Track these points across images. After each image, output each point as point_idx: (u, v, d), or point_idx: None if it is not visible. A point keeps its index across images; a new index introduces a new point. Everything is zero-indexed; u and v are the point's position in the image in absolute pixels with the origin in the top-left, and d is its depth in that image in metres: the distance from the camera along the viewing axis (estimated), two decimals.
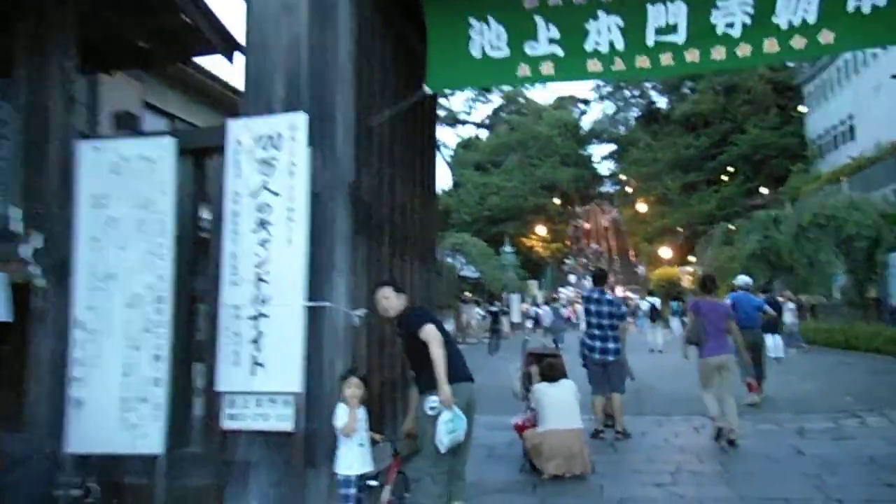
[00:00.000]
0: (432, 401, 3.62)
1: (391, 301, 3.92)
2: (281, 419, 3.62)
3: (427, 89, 4.39)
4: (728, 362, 6.32)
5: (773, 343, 13.58)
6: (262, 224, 3.77)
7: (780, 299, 14.67)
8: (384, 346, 4.57)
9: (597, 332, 6.71)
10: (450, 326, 26.86)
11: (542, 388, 5.27)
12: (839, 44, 3.92)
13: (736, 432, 5.95)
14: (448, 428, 3.54)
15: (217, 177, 4.08)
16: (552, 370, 5.36)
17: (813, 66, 44.43)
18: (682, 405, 8.10)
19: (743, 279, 9.12)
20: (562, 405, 5.12)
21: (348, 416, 3.51)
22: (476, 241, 37.48)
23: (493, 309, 19.92)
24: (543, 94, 54.30)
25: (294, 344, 3.64)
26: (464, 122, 25.50)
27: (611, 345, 6.65)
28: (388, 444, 3.93)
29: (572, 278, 49.11)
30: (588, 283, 15.02)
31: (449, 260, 28.04)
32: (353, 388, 3.56)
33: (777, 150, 43.59)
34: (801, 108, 44.71)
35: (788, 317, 15.01)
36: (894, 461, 5.27)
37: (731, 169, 45.22)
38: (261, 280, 3.74)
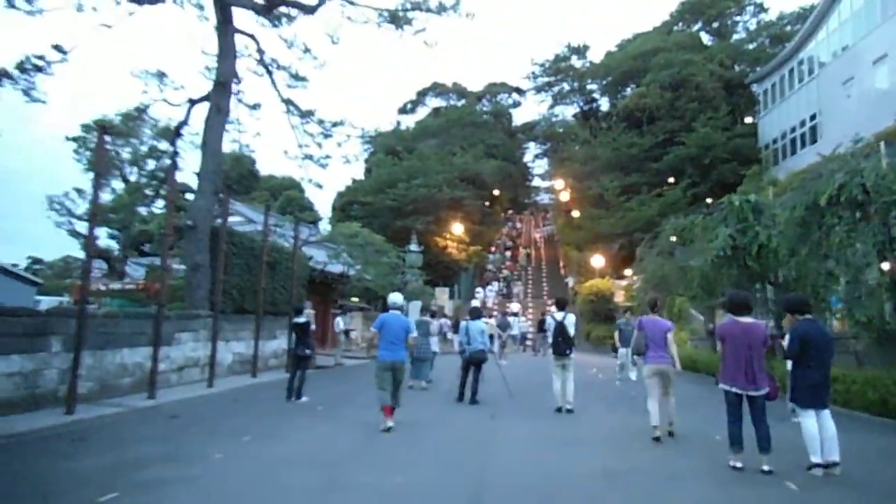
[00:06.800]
0: None
1: None
2: None
3: None
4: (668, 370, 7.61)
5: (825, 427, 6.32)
6: None
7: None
8: None
9: None
10: (277, 343, 16.66)
11: None
12: None
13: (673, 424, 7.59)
14: None
15: None
16: None
17: (765, 64, 39.59)
18: None
19: (392, 299, 8.62)
20: None
21: None
22: (369, 233, 29.90)
23: (343, 326, 12.75)
24: (473, 81, 47.67)
25: None
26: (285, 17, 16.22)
27: None
28: None
29: (495, 285, 42.25)
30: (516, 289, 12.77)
31: (304, 251, 20.29)
32: None
33: (728, 153, 38.20)
34: (750, 117, 39.91)
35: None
36: None
37: (673, 178, 39.60)
38: None
